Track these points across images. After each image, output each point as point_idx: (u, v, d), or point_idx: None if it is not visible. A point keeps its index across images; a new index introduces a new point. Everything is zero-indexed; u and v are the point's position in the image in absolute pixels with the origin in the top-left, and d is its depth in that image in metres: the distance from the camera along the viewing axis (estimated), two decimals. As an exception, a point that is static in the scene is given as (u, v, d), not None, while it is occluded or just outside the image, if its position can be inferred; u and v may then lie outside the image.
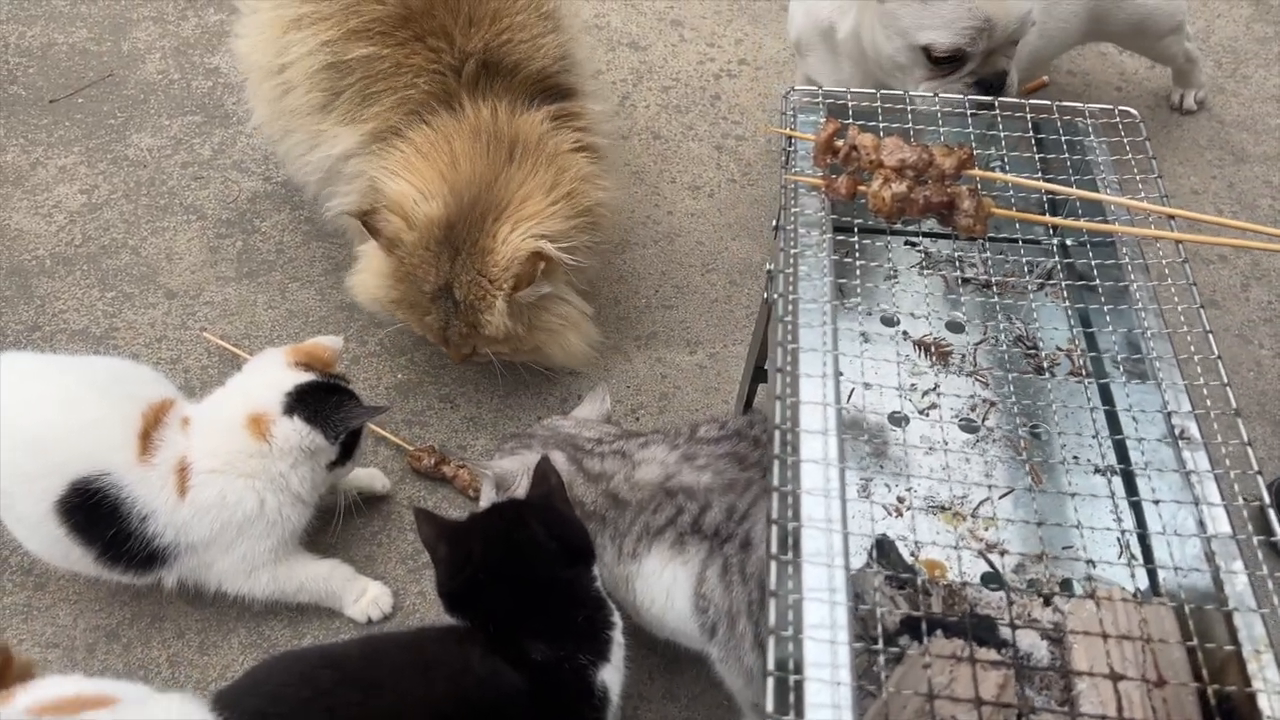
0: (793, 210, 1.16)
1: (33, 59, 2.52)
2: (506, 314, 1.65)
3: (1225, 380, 0.99)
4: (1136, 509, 1.12)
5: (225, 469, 1.45)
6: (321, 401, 1.49)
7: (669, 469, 1.40)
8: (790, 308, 1.09)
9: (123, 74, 2.51)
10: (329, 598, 1.60)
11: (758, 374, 1.66)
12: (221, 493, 1.44)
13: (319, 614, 1.62)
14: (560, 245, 1.66)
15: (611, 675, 1.27)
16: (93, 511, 1.39)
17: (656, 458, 1.42)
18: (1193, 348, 1.08)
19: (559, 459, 1.48)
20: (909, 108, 1.25)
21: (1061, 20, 1.99)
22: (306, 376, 1.52)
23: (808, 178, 1.19)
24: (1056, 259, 1.33)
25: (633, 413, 1.92)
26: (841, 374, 1.18)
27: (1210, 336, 1.08)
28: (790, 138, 1.24)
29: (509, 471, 1.45)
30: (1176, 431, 0.99)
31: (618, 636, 1.30)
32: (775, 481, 0.95)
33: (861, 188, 1.15)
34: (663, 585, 1.35)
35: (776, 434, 0.99)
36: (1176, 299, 1.14)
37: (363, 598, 1.60)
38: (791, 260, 1.14)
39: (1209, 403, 1.00)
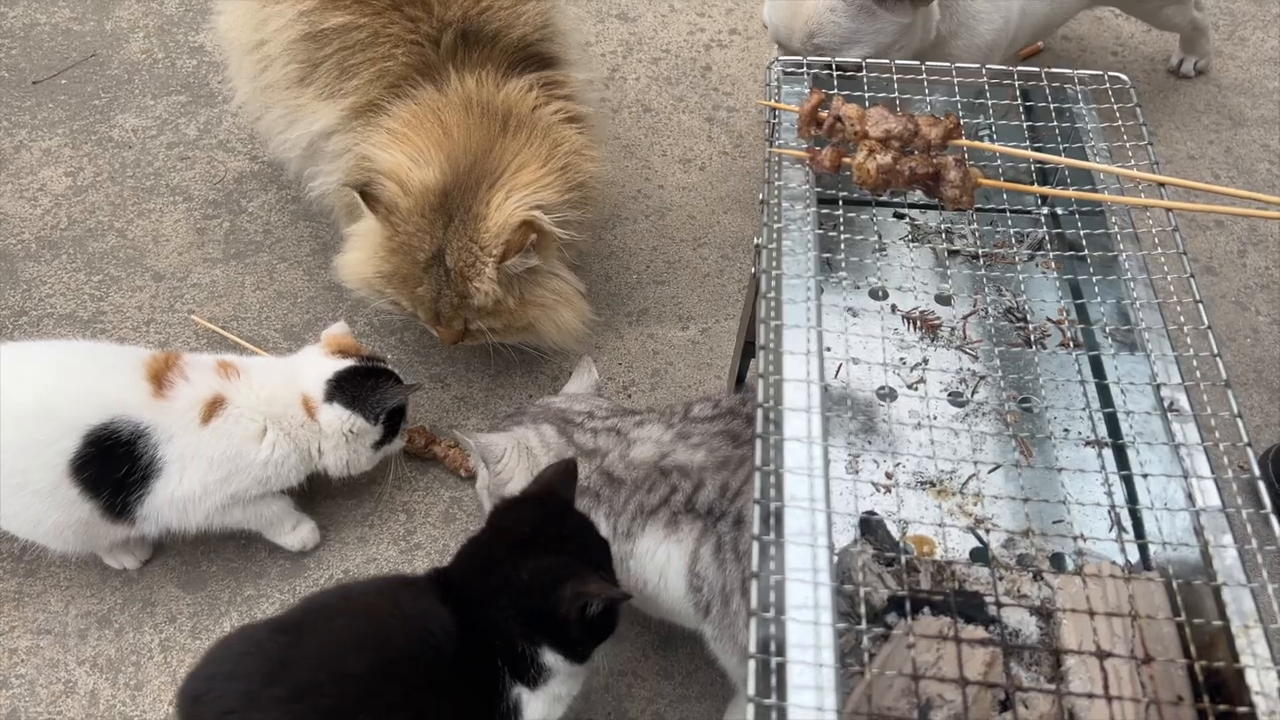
0: (776, 184, 1.14)
1: (14, 40, 2.49)
2: (495, 281, 1.63)
3: (1215, 350, 0.97)
4: (1127, 482, 1.10)
5: (273, 420, 1.53)
6: (359, 386, 1.56)
7: (664, 447, 1.39)
8: (774, 284, 1.07)
9: (106, 54, 2.48)
10: (268, 527, 1.64)
11: (748, 349, 1.65)
12: (256, 431, 1.52)
13: (309, 589, 1.62)
14: (553, 218, 1.64)
15: (531, 701, 1.20)
16: (106, 458, 1.42)
17: (652, 436, 1.42)
18: (1183, 318, 1.06)
19: (548, 432, 1.47)
20: (894, 76, 1.23)
21: None
22: (345, 362, 1.58)
23: (791, 150, 1.17)
24: (1046, 229, 1.31)
25: (624, 390, 1.91)
26: (829, 349, 1.17)
27: (1200, 306, 1.06)
28: (774, 109, 1.21)
29: (493, 444, 1.44)
30: (1166, 403, 0.98)
31: (552, 676, 1.22)
32: (758, 460, 0.94)
33: (846, 160, 1.13)
34: (656, 565, 1.34)
35: (759, 412, 0.97)
36: (1167, 268, 1.12)
37: (299, 528, 1.66)
38: (775, 235, 1.12)
39: (1199, 374, 0.98)
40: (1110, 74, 1.22)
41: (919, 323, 1.26)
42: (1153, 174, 1.11)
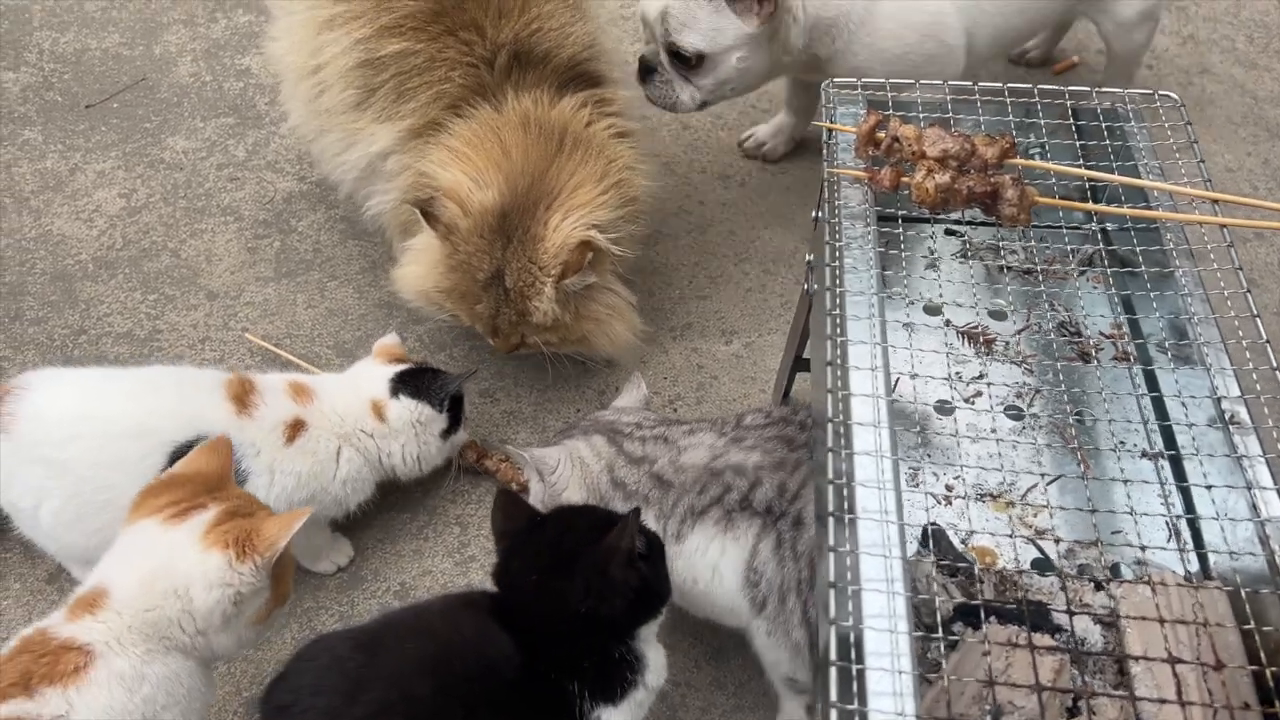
0: (837, 204, 1.17)
1: (67, 65, 2.56)
2: (554, 300, 1.67)
3: (1276, 364, 0.99)
4: (1185, 493, 1.12)
5: (345, 439, 1.61)
6: (419, 379, 1.67)
7: (715, 451, 1.42)
8: (838, 301, 1.10)
9: (156, 78, 2.54)
10: (305, 554, 1.67)
11: (797, 363, 1.68)
12: (333, 452, 1.59)
13: (365, 601, 1.65)
14: (609, 235, 1.68)
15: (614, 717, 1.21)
16: None
17: (704, 443, 1.45)
18: (1240, 331, 1.08)
19: (599, 442, 1.50)
20: (947, 97, 1.26)
21: None
22: (401, 366, 1.68)
23: (852, 170, 1.20)
24: (1098, 244, 1.33)
25: (670, 404, 1.94)
26: (887, 364, 1.19)
27: (1258, 320, 1.08)
28: (829, 130, 1.24)
29: (548, 456, 1.48)
30: (1226, 416, 1.00)
31: (638, 694, 1.23)
32: (831, 474, 0.97)
33: (905, 179, 1.16)
34: (708, 561, 1.38)
35: (829, 427, 1.00)
36: (1222, 282, 1.14)
37: (333, 553, 1.70)
38: (837, 253, 1.15)
39: (1259, 386, 1.00)
40: (1161, 92, 1.25)
41: (976, 337, 1.29)
42: (1206, 190, 1.13)
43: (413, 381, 1.66)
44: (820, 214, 1.34)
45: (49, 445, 1.44)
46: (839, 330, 1.07)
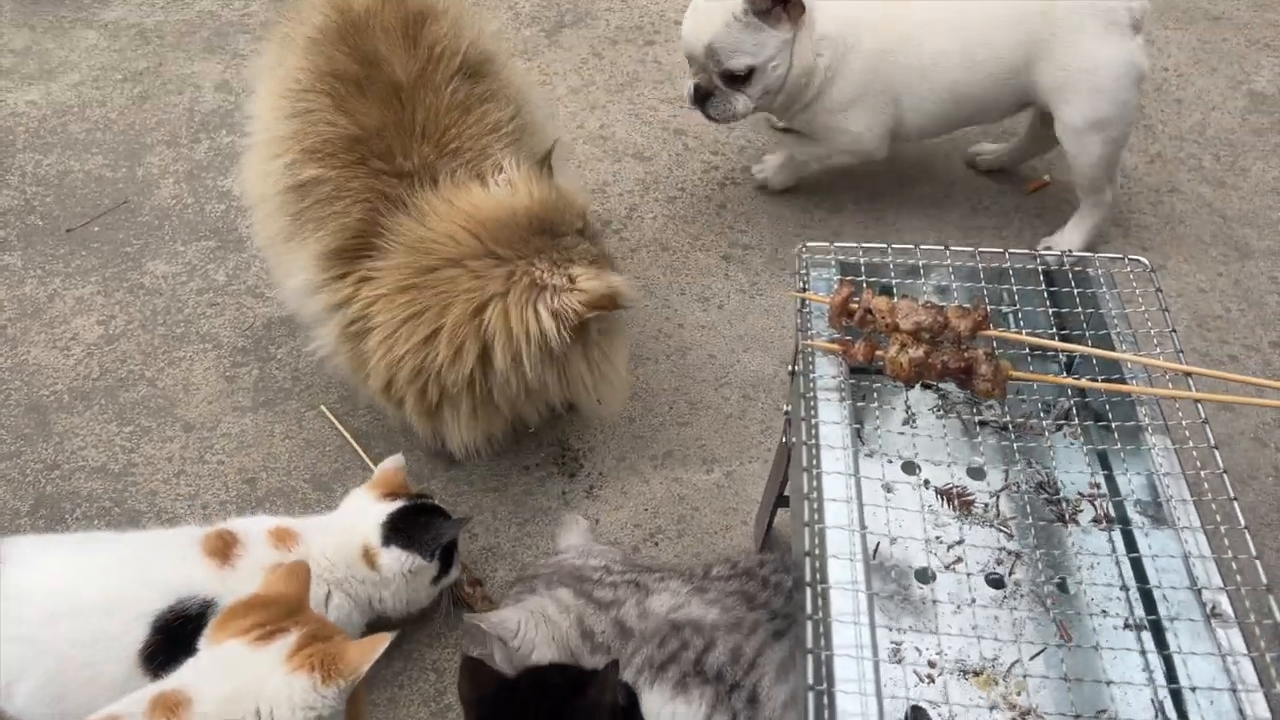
0: (811, 376, 1.17)
1: (49, 187, 2.57)
2: (560, 325, 1.63)
3: (1255, 554, 0.99)
4: (1167, 661, 1.11)
5: (335, 584, 1.59)
6: (412, 525, 1.63)
7: (679, 599, 1.41)
8: (814, 464, 1.10)
9: (138, 200, 2.55)
10: None
11: (779, 501, 1.67)
12: (321, 598, 1.57)
13: None
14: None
15: None
16: (174, 640, 1.42)
17: (670, 588, 1.44)
18: (1217, 516, 1.08)
19: (565, 595, 1.48)
20: (919, 262, 1.27)
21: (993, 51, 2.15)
22: (395, 504, 1.65)
23: (825, 344, 1.20)
24: (1072, 398, 1.33)
25: (651, 537, 1.92)
26: (865, 527, 1.19)
27: (1225, 477, 1.09)
28: (803, 299, 1.25)
29: (507, 622, 1.45)
30: (1208, 607, 0.99)
31: None
32: (809, 642, 0.95)
33: (879, 352, 1.16)
34: None
35: (808, 591, 0.99)
36: (1191, 441, 1.15)
37: None
38: (811, 411, 1.15)
39: (1239, 578, 1.00)
40: (1130, 256, 1.27)
41: (954, 498, 1.28)
42: (1179, 363, 1.14)
43: (406, 528, 1.62)
44: (796, 368, 1.35)
45: (29, 624, 1.41)
46: (815, 491, 1.06)
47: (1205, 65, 2.92)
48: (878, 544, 1.23)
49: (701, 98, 2.23)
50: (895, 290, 1.29)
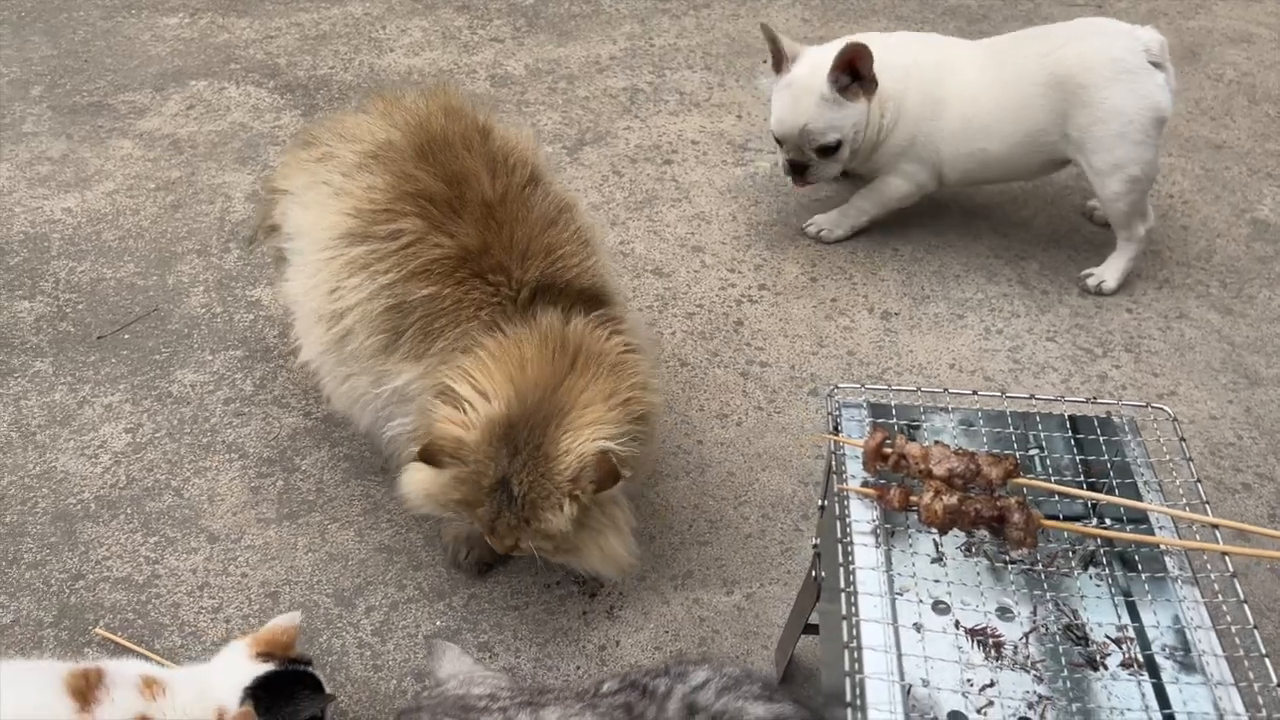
0: (847, 521, 1.20)
1: (82, 294, 2.63)
2: (572, 517, 1.69)
3: (1277, 680, 1.01)
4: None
5: None
6: (275, 694, 1.57)
7: (571, 711, 1.39)
8: (853, 612, 1.11)
9: (167, 308, 2.60)
10: None
11: (805, 629, 1.68)
12: None
13: None
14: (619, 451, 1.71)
15: None
16: None
17: (563, 702, 1.41)
18: (1237, 640, 1.10)
19: None
20: (949, 407, 1.31)
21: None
22: (265, 667, 1.60)
23: (861, 489, 1.23)
24: (1100, 546, 1.36)
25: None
26: (904, 677, 1.20)
27: (1256, 632, 1.11)
28: (836, 444, 1.29)
29: None
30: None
31: None
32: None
33: (913, 498, 1.19)
34: None
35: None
36: (1217, 587, 1.17)
37: None
38: (850, 558, 1.17)
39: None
40: (1154, 405, 1.31)
41: (985, 640, 1.29)
42: (1205, 515, 1.17)
43: (268, 696, 1.56)
44: (825, 503, 1.38)
45: None
46: (853, 639, 1.08)
47: (1209, 193, 3.01)
48: (910, 687, 1.24)
49: (796, 170, 2.63)
50: (923, 429, 1.33)
